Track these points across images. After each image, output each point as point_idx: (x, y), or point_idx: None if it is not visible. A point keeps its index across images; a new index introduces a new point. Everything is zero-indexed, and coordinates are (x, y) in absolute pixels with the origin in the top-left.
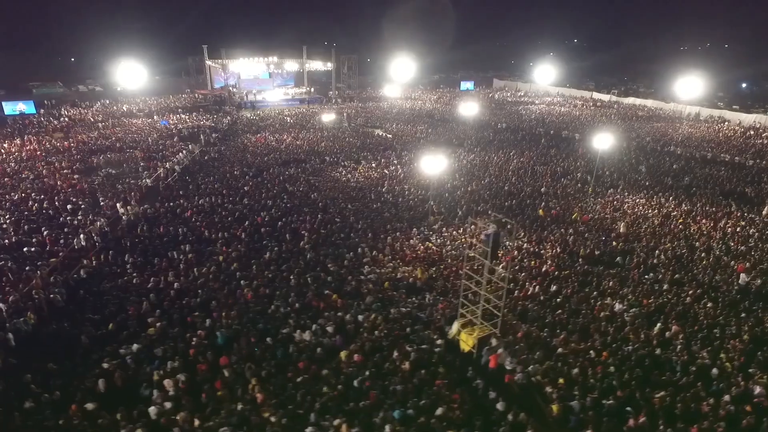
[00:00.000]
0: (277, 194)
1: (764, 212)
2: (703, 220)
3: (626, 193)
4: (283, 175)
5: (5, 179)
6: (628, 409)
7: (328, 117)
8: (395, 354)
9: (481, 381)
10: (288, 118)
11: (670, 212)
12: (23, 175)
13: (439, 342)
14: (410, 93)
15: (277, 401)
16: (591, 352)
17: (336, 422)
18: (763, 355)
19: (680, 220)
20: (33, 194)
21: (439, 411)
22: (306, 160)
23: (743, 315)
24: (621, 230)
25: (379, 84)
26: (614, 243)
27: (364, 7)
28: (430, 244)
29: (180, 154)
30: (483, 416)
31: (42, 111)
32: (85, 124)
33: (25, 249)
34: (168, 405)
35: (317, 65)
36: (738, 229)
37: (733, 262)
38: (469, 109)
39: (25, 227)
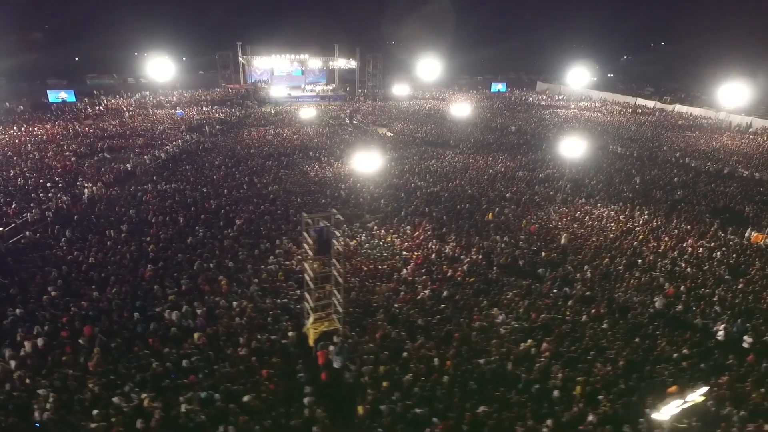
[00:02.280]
0: (239, 184)
1: (746, 234)
2: (666, 238)
3: (599, 204)
4: (258, 166)
5: (15, 158)
6: (435, 419)
7: (307, 114)
8: (241, 340)
9: (303, 375)
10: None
11: (633, 227)
12: (31, 155)
13: (290, 334)
14: (438, 93)
15: (103, 370)
16: (435, 359)
17: (143, 395)
18: (626, 383)
19: (641, 237)
20: (27, 172)
21: (246, 398)
22: (290, 154)
23: (637, 340)
24: (562, 241)
25: (411, 83)
26: (543, 254)
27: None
28: (350, 241)
29: (175, 142)
30: (285, 408)
31: (86, 100)
32: (115, 112)
33: None
34: (13, 363)
35: (341, 63)
36: (700, 250)
37: (667, 284)
38: (461, 110)
39: (1, 200)
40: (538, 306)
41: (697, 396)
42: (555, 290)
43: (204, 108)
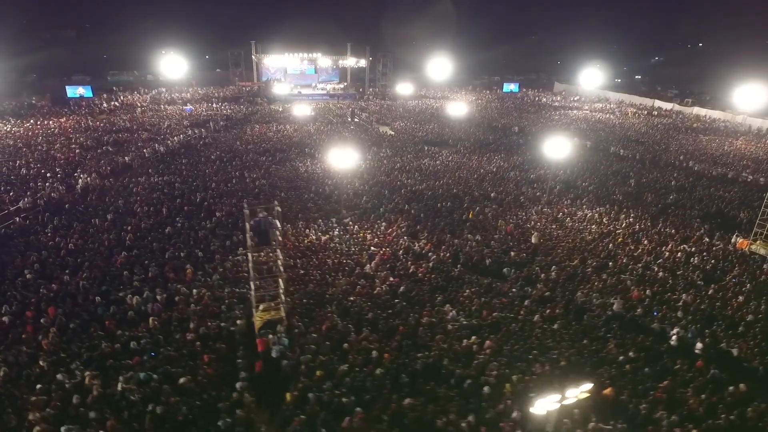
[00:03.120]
0: (228, 179)
1: (732, 240)
2: (645, 241)
3: (584, 206)
4: (251, 162)
5: (24, 149)
6: (358, 409)
7: (301, 112)
8: (192, 326)
9: (242, 361)
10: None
11: (614, 230)
12: (39, 147)
13: (239, 322)
14: (449, 93)
15: (55, 348)
16: (374, 352)
17: (86, 373)
18: (559, 382)
19: (619, 240)
20: (31, 163)
21: (182, 380)
22: (286, 150)
23: (585, 342)
24: (533, 240)
25: (421, 82)
26: (512, 254)
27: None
28: (321, 235)
29: (177, 137)
30: (217, 392)
31: (104, 96)
32: (129, 108)
33: None
34: None
35: (351, 62)
36: (678, 255)
37: (633, 287)
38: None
39: (1, 188)
40: (493, 304)
41: (579, 393)
42: (515, 290)
43: (214, 105)
